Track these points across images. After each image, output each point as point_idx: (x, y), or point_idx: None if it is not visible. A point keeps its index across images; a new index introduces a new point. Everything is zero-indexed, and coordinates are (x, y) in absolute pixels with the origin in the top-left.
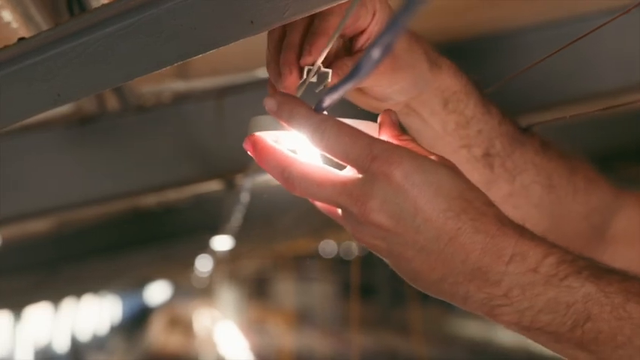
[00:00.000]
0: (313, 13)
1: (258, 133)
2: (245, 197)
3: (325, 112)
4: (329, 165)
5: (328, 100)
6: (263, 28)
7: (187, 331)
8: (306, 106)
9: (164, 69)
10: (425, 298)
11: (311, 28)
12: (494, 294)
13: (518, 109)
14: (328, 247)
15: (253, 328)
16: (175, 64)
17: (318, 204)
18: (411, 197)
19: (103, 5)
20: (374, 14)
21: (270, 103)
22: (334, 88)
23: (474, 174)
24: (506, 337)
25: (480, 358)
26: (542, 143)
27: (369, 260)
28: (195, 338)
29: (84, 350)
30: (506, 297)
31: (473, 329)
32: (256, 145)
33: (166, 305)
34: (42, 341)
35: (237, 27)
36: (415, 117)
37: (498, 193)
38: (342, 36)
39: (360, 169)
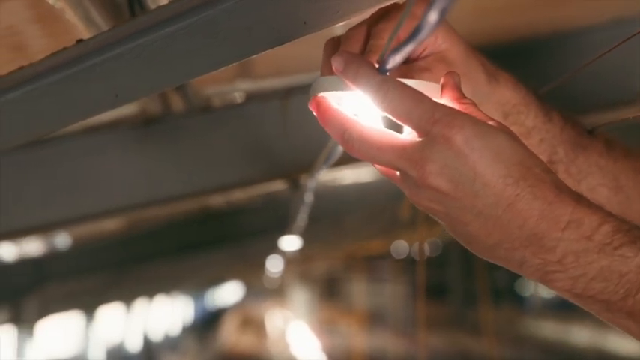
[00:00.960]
0: (365, 12)
1: (322, 94)
2: (310, 197)
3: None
4: (390, 128)
5: (391, 63)
6: (316, 29)
7: (259, 331)
8: (372, 67)
9: (227, 69)
10: (498, 298)
11: (367, 46)
12: (548, 260)
13: (584, 107)
14: (400, 247)
15: (325, 328)
16: (237, 64)
17: (377, 167)
18: (470, 162)
19: (160, 7)
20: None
21: (337, 60)
22: (396, 50)
23: None
24: (580, 337)
25: (553, 358)
26: (607, 144)
27: (441, 260)
28: (267, 339)
29: (156, 350)
30: (560, 263)
31: (546, 329)
32: (320, 105)
33: (238, 305)
34: (114, 341)
35: (291, 27)
36: None
37: None
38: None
39: (420, 132)
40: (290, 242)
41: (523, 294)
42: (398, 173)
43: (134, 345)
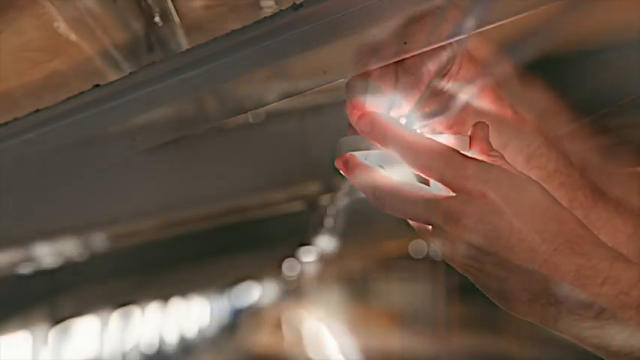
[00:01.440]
0: (384, 64)
1: (349, 153)
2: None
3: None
4: (419, 180)
5: (419, 123)
6: (336, 77)
7: (291, 332)
8: (399, 126)
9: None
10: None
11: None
12: (585, 316)
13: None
14: (419, 247)
15: (349, 329)
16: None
17: (410, 222)
18: (506, 217)
19: (180, 52)
20: (460, 65)
21: (363, 124)
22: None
23: None
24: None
25: (587, 359)
26: (625, 188)
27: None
28: (285, 340)
29: (188, 350)
30: (597, 319)
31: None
32: (348, 163)
33: (271, 306)
34: (149, 340)
35: (311, 75)
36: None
37: None
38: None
39: (454, 188)
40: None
41: None
42: (430, 227)
43: (169, 345)
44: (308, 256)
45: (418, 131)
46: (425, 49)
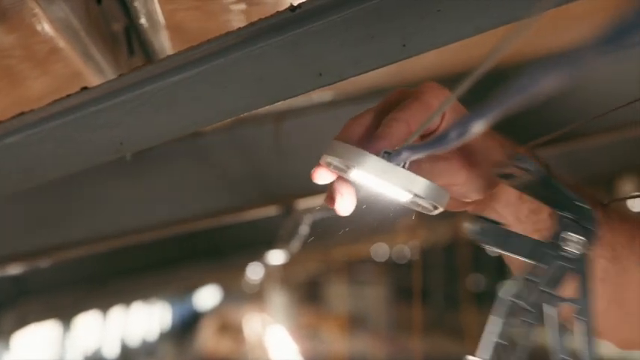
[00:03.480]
0: (385, 66)
1: (332, 160)
2: (305, 228)
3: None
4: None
5: (402, 158)
6: (332, 80)
7: (237, 336)
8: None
9: None
10: (480, 301)
11: (377, 132)
12: None
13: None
14: (381, 250)
15: (305, 332)
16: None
17: None
18: None
19: (169, 55)
20: (443, 115)
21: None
22: (410, 148)
23: None
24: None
25: None
26: (603, 212)
27: (422, 264)
28: (245, 343)
29: (133, 356)
30: None
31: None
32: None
33: (216, 310)
34: (91, 349)
35: (305, 79)
36: (490, 210)
37: None
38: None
39: None
40: (277, 256)
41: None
42: None
43: (111, 352)
44: (274, 260)
45: (402, 169)
46: (425, 52)
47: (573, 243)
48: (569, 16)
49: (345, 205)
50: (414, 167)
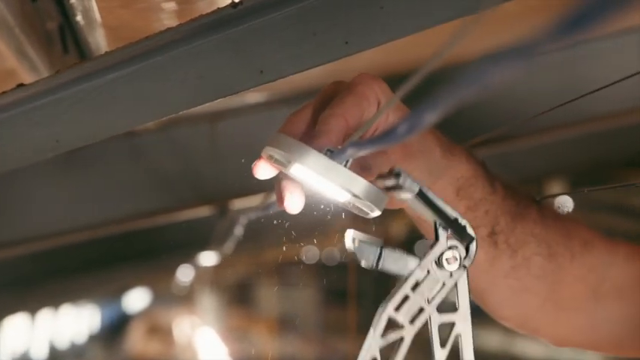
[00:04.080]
0: (328, 63)
1: (274, 153)
2: (239, 228)
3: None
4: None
5: (345, 156)
6: (273, 78)
7: (167, 338)
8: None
9: None
10: None
11: (314, 131)
12: None
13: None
14: (310, 252)
15: (235, 335)
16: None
17: None
18: None
19: (108, 52)
20: (378, 105)
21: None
22: (352, 145)
23: (480, 253)
24: (490, 341)
25: None
26: (539, 210)
27: (351, 266)
28: (174, 346)
29: (62, 359)
30: None
31: None
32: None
33: (145, 313)
34: (19, 352)
35: (246, 76)
36: None
37: (501, 268)
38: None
39: None
40: (209, 258)
41: None
42: None
43: (40, 355)
44: (206, 261)
45: (344, 167)
46: (368, 49)
47: (451, 258)
48: (501, 17)
49: (294, 203)
50: (354, 164)
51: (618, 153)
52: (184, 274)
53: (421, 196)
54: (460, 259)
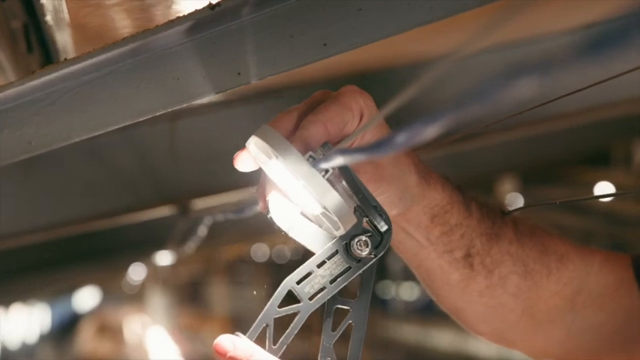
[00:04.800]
0: (305, 65)
1: (253, 149)
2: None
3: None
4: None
5: (328, 163)
6: (251, 79)
7: (117, 337)
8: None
9: None
10: None
11: (295, 135)
12: None
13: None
14: (260, 250)
15: (186, 333)
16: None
17: None
18: None
19: (83, 54)
20: (361, 118)
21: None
22: (344, 152)
23: (455, 274)
24: (441, 340)
25: None
26: (515, 228)
27: (300, 264)
28: (125, 345)
29: (12, 359)
30: None
31: (408, 333)
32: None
33: (96, 312)
34: None
35: (223, 78)
36: (400, 231)
37: (476, 287)
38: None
39: None
40: (164, 257)
41: (384, 297)
42: None
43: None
44: (162, 260)
45: (322, 177)
46: (346, 51)
47: (362, 243)
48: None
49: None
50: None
51: (569, 152)
52: (136, 273)
53: (345, 175)
54: (371, 247)
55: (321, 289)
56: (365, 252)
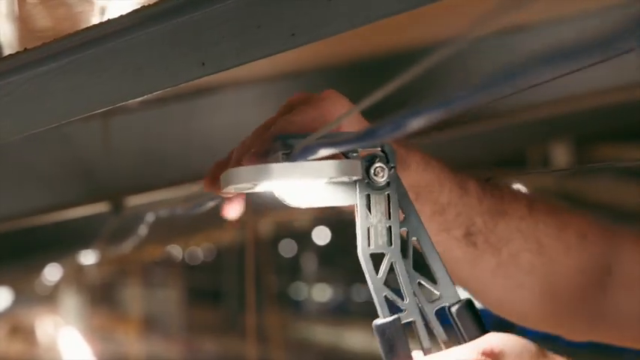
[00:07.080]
0: (273, 55)
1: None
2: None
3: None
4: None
5: (304, 155)
6: (215, 70)
7: (30, 338)
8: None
9: None
10: (277, 302)
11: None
12: None
13: None
14: (174, 252)
15: (99, 335)
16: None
17: None
18: None
19: (43, 44)
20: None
21: None
22: (331, 143)
23: (457, 252)
24: (353, 341)
25: None
26: (529, 205)
27: (216, 266)
28: (37, 346)
29: None
30: None
31: (320, 334)
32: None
33: (7, 312)
34: None
35: (187, 68)
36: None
37: (486, 267)
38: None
39: None
40: (89, 257)
41: (298, 298)
42: None
43: None
44: (86, 260)
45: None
46: (315, 41)
47: (379, 171)
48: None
49: (235, 210)
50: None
51: (486, 154)
52: (51, 273)
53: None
54: (386, 166)
55: (389, 230)
56: (385, 174)
